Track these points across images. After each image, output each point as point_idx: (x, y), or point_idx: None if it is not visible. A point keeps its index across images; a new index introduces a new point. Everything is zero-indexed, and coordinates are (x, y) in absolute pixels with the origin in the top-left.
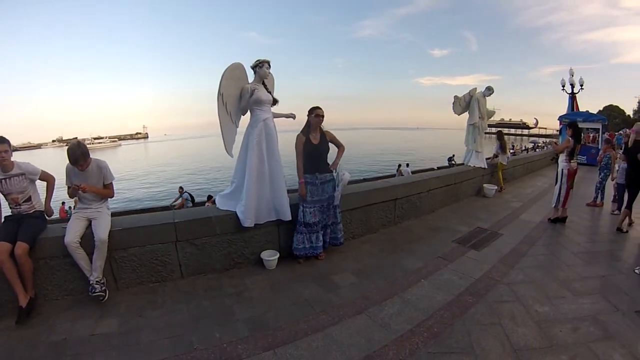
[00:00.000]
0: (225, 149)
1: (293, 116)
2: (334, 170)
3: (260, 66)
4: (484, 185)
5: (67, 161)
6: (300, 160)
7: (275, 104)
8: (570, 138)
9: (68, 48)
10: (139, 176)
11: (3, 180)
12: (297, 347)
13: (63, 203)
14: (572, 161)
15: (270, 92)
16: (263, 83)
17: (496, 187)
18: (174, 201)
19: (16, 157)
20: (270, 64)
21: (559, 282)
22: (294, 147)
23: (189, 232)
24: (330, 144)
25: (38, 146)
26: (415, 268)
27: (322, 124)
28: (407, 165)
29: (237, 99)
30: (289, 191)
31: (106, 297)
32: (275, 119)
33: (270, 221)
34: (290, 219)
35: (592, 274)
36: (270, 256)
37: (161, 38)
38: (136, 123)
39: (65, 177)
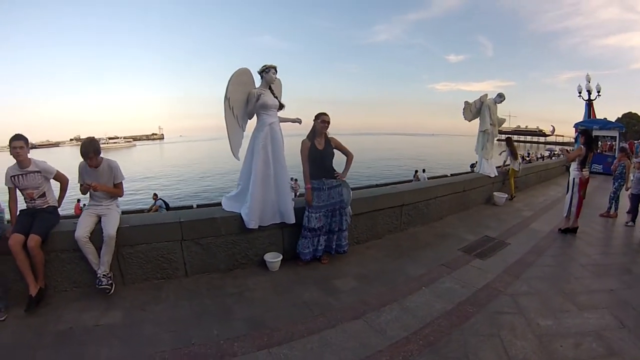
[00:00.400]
0: (232, 152)
1: (299, 121)
2: (340, 180)
3: (266, 71)
4: (494, 193)
5: (82, 159)
6: (306, 165)
7: (281, 109)
8: (582, 146)
9: (88, 50)
10: (151, 177)
11: (20, 176)
12: (291, 347)
13: (78, 200)
14: (584, 170)
15: (276, 97)
16: (270, 88)
17: (507, 196)
18: (149, 208)
19: (35, 154)
20: (277, 69)
21: (564, 295)
22: (299, 151)
23: (194, 232)
24: (337, 151)
25: (56, 144)
26: (417, 275)
27: (330, 129)
28: (424, 171)
29: (244, 103)
30: (299, 195)
31: (112, 290)
32: (281, 123)
33: (274, 224)
34: (294, 222)
35: (600, 288)
36: (273, 258)
37: (177, 42)
38: (152, 124)
39: (77, 175)
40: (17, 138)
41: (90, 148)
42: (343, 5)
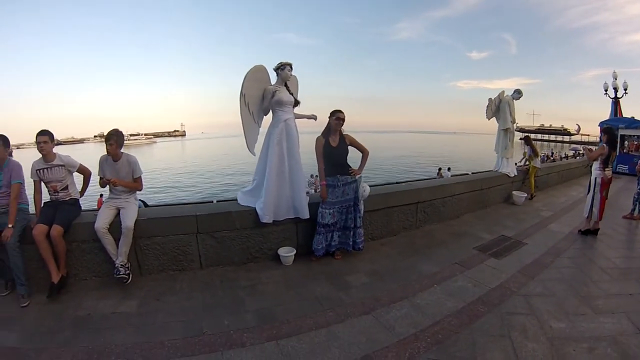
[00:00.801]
0: (248, 147)
1: (314, 117)
2: (355, 177)
3: (282, 68)
4: (513, 192)
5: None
6: (321, 162)
7: (297, 105)
8: (605, 144)
9: (111, 48)
10: (171, 175)
11: (45, 169)
12: (299, 340)
13: (101, 195)
14: (606, 169)
15: (292, 94)
16: (286, 85)
17: (526, 195)
18: None
19: (61, 150)
20: (292, 66)
21: (581, 298)
22: (314, 148)
23: (210, 225)
24: (353, 147)
25: (81, 141)
26: (430, 273)
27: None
28: (449, 169)
29: (260, 99)
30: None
31: (129, 280)
32: (297, 120)
33: (288, 218)
34: (308, 217)
35: (619, 292)
36: (287, 252)
37: (200, 40)
38: (174, 121)
39: (97, 168)
40: (42, 133)
41: (114, 135)
42: (366, 2)
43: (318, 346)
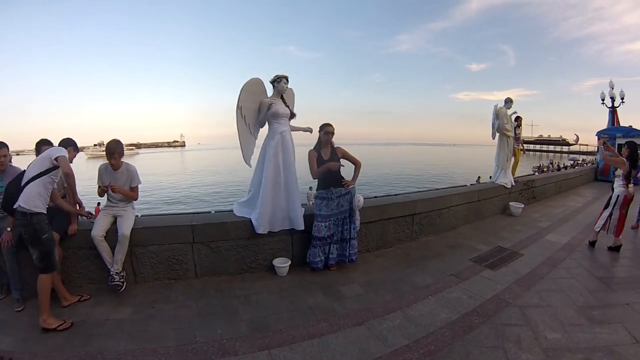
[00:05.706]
0: (244, 159)
1: (310, 130)
2: (348, 188)
3: (278, 81)
4: (510, 203)
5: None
6: (319, 169)
7: (292, 118)
8: (626, 160)
9: (113, 60)
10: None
11: None
12: (291, 349)
13: (98, 204)
14: (629, 186)
15: (288, 106)
16: (282, 97)
17: (523, 206)
18: None
19: None
20: (288, 79)
21: (576, 309)
22: (307, 161)
23: (205, 235)
24: (346, 160)
25: (81, 149)
26: (424, 284)
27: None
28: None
29: (256, 112)
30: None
31: (124, 287)
32: (293, 132)
33: (284, 230)
34: (303, 228)
35: (616, 302)
36: (281, 263)
37: (201, 53)
38: (174, 131)
39: (97, 177)
40: (45, 143)
41: (117, 148)
42: (365, 15)
43: (310, 356)
